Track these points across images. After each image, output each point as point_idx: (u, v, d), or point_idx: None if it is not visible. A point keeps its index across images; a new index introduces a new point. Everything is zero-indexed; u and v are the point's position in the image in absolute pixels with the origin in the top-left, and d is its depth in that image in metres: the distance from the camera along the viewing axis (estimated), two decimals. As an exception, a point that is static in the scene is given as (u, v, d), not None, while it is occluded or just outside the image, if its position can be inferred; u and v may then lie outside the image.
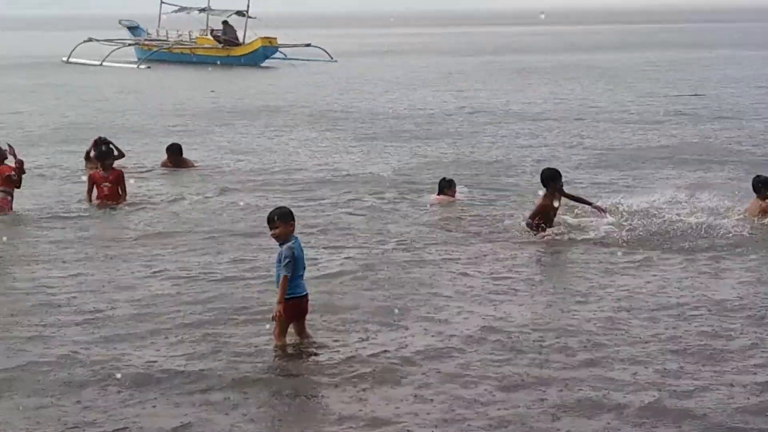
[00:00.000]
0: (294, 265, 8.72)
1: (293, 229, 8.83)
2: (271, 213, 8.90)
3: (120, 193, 15.45)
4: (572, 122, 26.29)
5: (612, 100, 32.04)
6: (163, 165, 18.85)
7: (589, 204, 13.69)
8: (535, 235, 13.04)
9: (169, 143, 19.43)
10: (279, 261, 8.79)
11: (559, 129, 24.84)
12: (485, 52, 64.57)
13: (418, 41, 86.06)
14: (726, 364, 8.47)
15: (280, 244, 8.84)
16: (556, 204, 13.21)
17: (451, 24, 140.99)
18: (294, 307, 8.83)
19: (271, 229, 8.85)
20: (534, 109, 29.36)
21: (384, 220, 14.40)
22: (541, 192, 13.34)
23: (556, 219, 13.32)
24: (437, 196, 15.62)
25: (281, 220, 8.76)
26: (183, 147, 19.26)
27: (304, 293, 8.92)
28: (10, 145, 14.75)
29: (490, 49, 68.38)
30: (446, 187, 15.64)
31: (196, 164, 19.09)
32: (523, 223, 13.36)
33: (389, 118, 27.78)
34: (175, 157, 18.80)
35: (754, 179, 13.98)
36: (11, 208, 14.57)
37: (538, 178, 13.75)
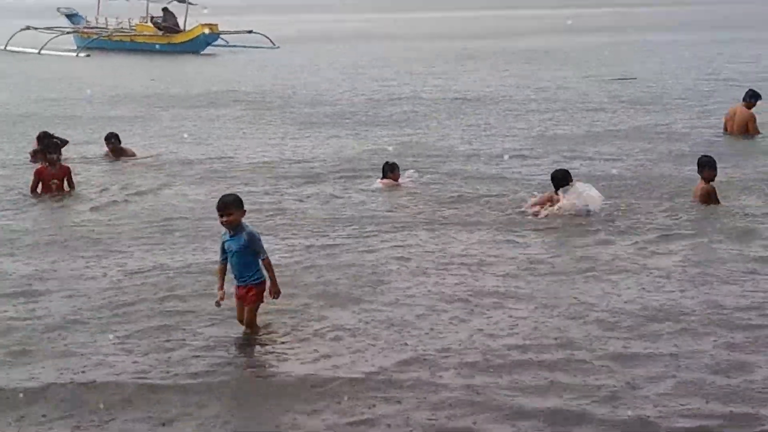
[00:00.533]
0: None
1: (243, 213, 8.85)
2: (224, 199, 8.83)
3: (67, 189, 15.34)
4: (513, 104, 26.50)
5: (556, 84, 32.33)
6: (107, 155, 18.70)
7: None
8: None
9: (107, 133, 19.27)
10: (241, 247, 8.77)
11: (504, 112, 25.04)
12: (438, 37, 64.54)
13: (368, 27, 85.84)
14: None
15: (232, 232, 8.82)
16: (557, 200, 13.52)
17: (406, 9, 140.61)
18: (262, 291, 8.98)
19: (223, 216, 8.77)
20: (477, 94, 29.46)
21: (331, 207, 14.51)
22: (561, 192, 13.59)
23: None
24: (381, 180, 15.74)
25: (236, 207, 8.75)
26: (123, 135, 19.17)
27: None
28: None
29: (443, 34, 68.33)
30: (389, 170, 15.80)
31: (136, 154, 18.95)
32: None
33: (331, 104, 27.79)
34: (113, 146, 18.65)
35: (698, 159, 14.13)
36: None
37: (478, 163, 13.88)
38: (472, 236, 12.53)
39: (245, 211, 8.84)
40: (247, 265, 8.86)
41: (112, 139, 18.79)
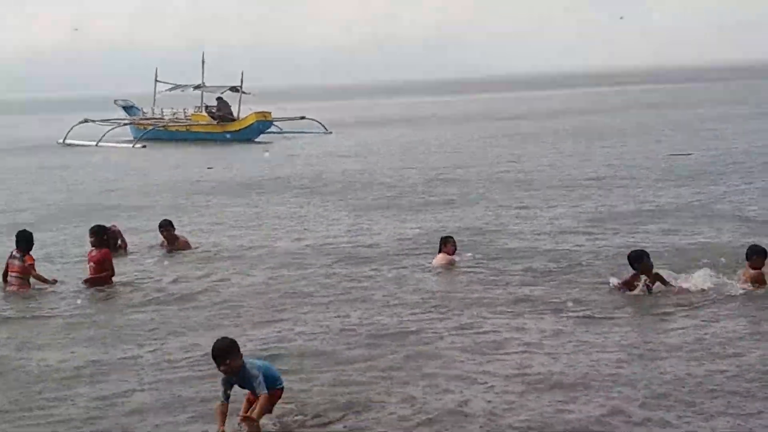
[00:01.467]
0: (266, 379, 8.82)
1: (241, 358, 8.73)
2: (216, 350, 8.72)
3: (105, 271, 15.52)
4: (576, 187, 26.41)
5: (604, 162, 32.22)
6: (162, 244, 18.80)
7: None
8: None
9: (161, 220, 19.33)
10: (247, 381, 8.76)
11: (560, 190, 24.95)
12: (481, 118, 64.96)
13: (413, 110, 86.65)
14: None
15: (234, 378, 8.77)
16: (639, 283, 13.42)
17: (454, 92, 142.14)
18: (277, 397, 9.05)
19: (220, 365, 8.68)
20: (528, 177, 29.39)
21: (387, 287, 14.57)
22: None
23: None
24: (439, 255, 15.94)
25: (231, 356, 8.66)
26: (179, 223, 19.24)
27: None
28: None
29: (487, 115, 68.77)
30: (443, 243, 16.02)
31: (189, 242, 18.90)
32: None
33: (384, 187, 27.88)
34: (168, 232, 18.68)
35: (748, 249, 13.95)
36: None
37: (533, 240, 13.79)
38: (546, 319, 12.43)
39: (241, 354, 8.74)
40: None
41: (168, 227, 18.83)
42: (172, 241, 18.64)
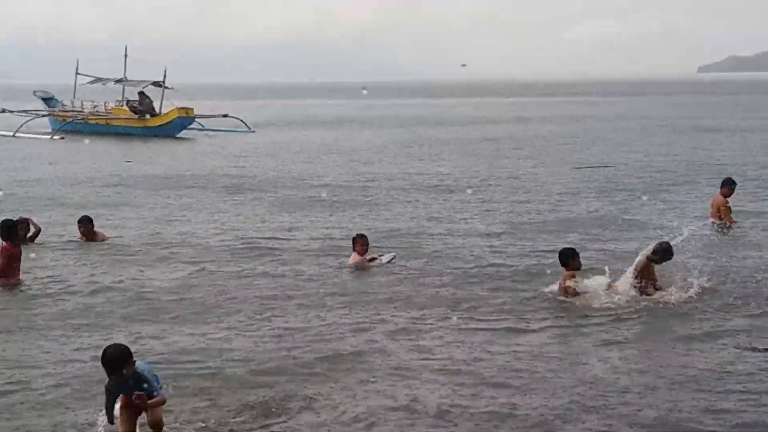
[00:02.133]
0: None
1: (134, 364, 8.21)
2: (109, 359, 8.11)
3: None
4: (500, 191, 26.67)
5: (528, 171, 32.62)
6: (80, 238, 18.58)
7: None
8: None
9: (80, 215, 19.20)
10: (138, 387, 8.26)
11: (479, 199, 25.17)
12: (408, 124, 65.27)
13: (341, 112, 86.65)
14: None
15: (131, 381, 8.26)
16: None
17: (384, 96, 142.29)
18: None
19: (112, 375, 8.12)
20: (445, 181, 29.58)
21: (302, 285, 14.59)
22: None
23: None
24: (353, 254, 16.11)
25: (126, 364, 8.11)
26: (95, 218, 19.08)
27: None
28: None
29: (411, 122, 69.13)
30: (355, 242, 16.20)
31: (107, 237, 18.81)
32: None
33: (305, 188, 27.86)
34: (86, 228, 18.56)
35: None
36: None
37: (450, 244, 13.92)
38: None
39: (133, 360, 8.19)
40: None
41: (86, 223, 18.68)
42: (90, 237, 18.50)
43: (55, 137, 51.82)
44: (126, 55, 57.59)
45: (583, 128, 56.14)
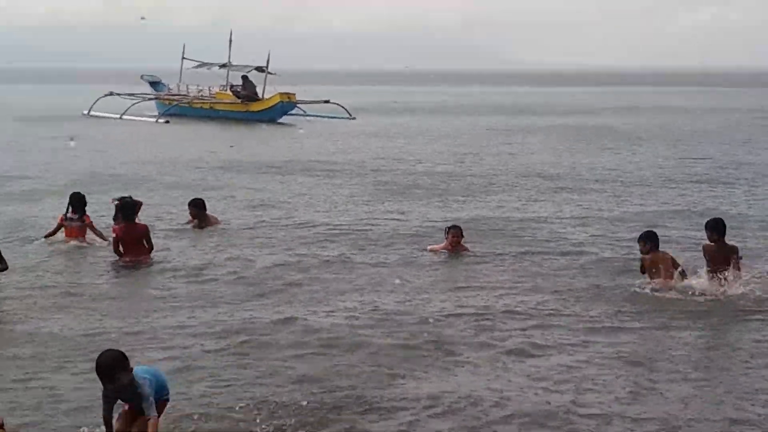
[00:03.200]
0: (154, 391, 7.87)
1: (130, 372, 7.70)
2: (103, 367, 7.59)
3: (147, 247, 15.54)
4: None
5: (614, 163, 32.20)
6: (189, 221, 18.73)
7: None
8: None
9: (192, 198, 19.38)
10: (135, 399, 7.80)
11: (575, 188, 24.95)
12: (500, 112, 65.05)
13: (442, 99, 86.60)
14: None
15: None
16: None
17: (467, 83, 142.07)
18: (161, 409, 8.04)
19: (108, 384, 7.64)
20: (549, 171, 29.37)
21: (394, 270, 14.76)
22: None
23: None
24: (442, 244, 16.19)
25: (120, 372, 7.59)
26: (206, 201, 19.32)
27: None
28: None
29: (505, 109, 68.85)
30: (447, 232, 16.20)
31: (219, 220, 18.98)
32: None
33: (404, 174, 27.96)
34: (198, 211, 18.66)
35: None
36: None
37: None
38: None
39: (130, 368, 7.67)
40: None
41: (197, 205, 18.75)
42: (201, 219, 18.58)
43: (161, 120, 52.85)
44: (231, 40, 58.38)
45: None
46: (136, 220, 15.81)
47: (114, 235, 15.65)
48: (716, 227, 13.31)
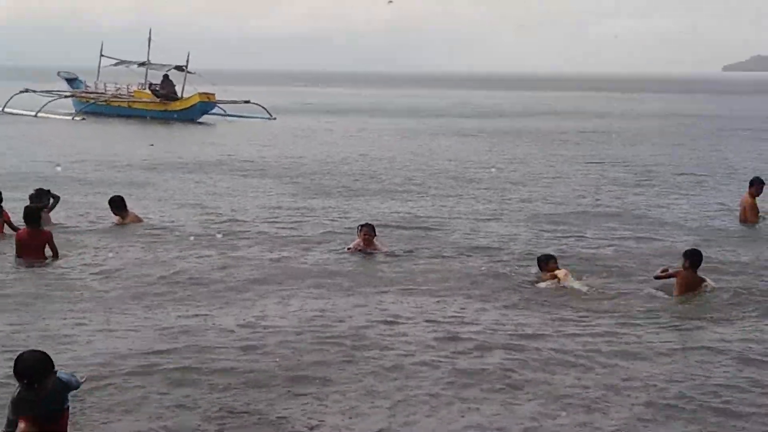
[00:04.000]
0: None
1: (55, 374, 7.22)
2: (28, 368, 7.01)
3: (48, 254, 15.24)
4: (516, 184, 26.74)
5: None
6: (118, 221, 18.38)
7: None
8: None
9: (111, 196, 19.07)
10: (56, 398, 7.29)
11: (501, 188, 25.26)
12: (425, 114, 65.49)
13: (365, 102, 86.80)
14: None
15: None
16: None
17: (396, 86, 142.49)
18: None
19: (33, 386, 7.03)
20: (474, 175, 29.67)
21: (309, 270, 14.79)
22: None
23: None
24: (354, 243, 16.19)
25: (48, 373, 7.11)
26: (126, 198, 19.10)
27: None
28: None
29: (429, 113, 69.33)
30: (359, 231, 16.20)
31: (141, 218, 18.74)
32: None
33: (325, 174, 28.03)
34: (118, 210, 18.43)
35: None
36: None
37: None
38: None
39: (52, 373, 7.14)
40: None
41: (115, 204, 18.53)
42: (122, 217, 18.40)
43: (77, 118, 52.14)
44: (150, 39, 57.82)
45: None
46: (49, 218, 15.61)
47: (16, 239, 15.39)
48: (693, 257, 13.51)
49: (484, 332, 11.48)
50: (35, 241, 15.11)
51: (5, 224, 16.60)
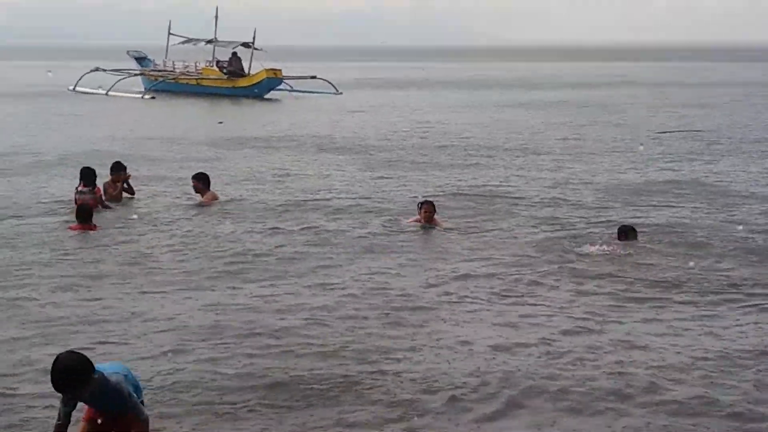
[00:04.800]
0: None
1: (95, 379, 6.62)
2: (62, 375, 6.48)
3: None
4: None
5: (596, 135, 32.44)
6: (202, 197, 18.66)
7: None
8: None
9: (197, 172, 19.39)
10: (109, 400, 6.77)
11: (559, 161, 25.20)
12: (487, 87, 65.27)
13: (420, 75, 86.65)
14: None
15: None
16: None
17: (456, 59, 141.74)
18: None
19: (69, 394, 6.62)
20: (533, 145, 29.63)
21: (372, 242, 15.06)
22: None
23: None
24: (412, 219, 16.35)
25: (85, 379, 6.55)
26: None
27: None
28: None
29: (490, 85, 69.06)
30: (419, 208, 16.26)
31: (218, 196, 18.89)
32: None
33: (390, 149, 28.14)
34: (201, 185, 18.62)
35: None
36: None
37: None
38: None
39: (92, 378, 6.56)
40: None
41: (201, 179, 18.76)
42: (203, 193, 18.66)
43: (147, 96, 52.85)
44: (216, 17, 58.33)
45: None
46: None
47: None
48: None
49: (552, 308, 11.54)
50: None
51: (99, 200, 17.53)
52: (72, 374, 6.37)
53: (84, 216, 15.76)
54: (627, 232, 14.49)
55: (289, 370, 9.19)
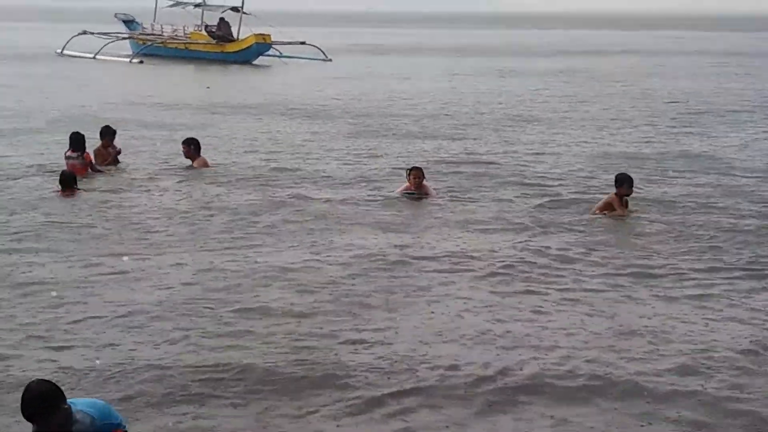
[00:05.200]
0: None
1: (65, 409, 6.05)
2: (32, 403, 5.95)
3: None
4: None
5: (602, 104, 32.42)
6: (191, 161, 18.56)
7: None
8: None
9: (188, 137, 19.29)
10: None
11: (551, 130, 25.18)
12: (478, 53, 65.02)
13: (411, 41, 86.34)
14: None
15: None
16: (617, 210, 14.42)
17: (444, 25, 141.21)
18: None
19: (39, 424, 6.01)
20: (531, 112, 29.60)
21: (363, 212, 14.99)
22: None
23: None
24: (402, 186, 16.21)
25: (56, 408, 6.02)
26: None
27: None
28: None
29: (483, 51, 68.82)
30: (408, 174, 16.10)
31: (209, 163, 18.73)
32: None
33: (385, 116, 28.09)
34: (191, 150, 18.47)
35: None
36: None
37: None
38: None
39: (64, 406, 6.03)
40: None
41: (191, 144, 18.67)
42: (192, 159, 18.56)
43: (134, 60, 52.52)
44: (206, -21, 57.96)
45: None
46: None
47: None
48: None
49: (540, 267, 11.72)
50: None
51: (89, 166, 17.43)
52: (45, 401, 5.96)
53: (67, 182, 15.67)
54: (624, 180, 14.42)
55: (264, 352, 8.92)
